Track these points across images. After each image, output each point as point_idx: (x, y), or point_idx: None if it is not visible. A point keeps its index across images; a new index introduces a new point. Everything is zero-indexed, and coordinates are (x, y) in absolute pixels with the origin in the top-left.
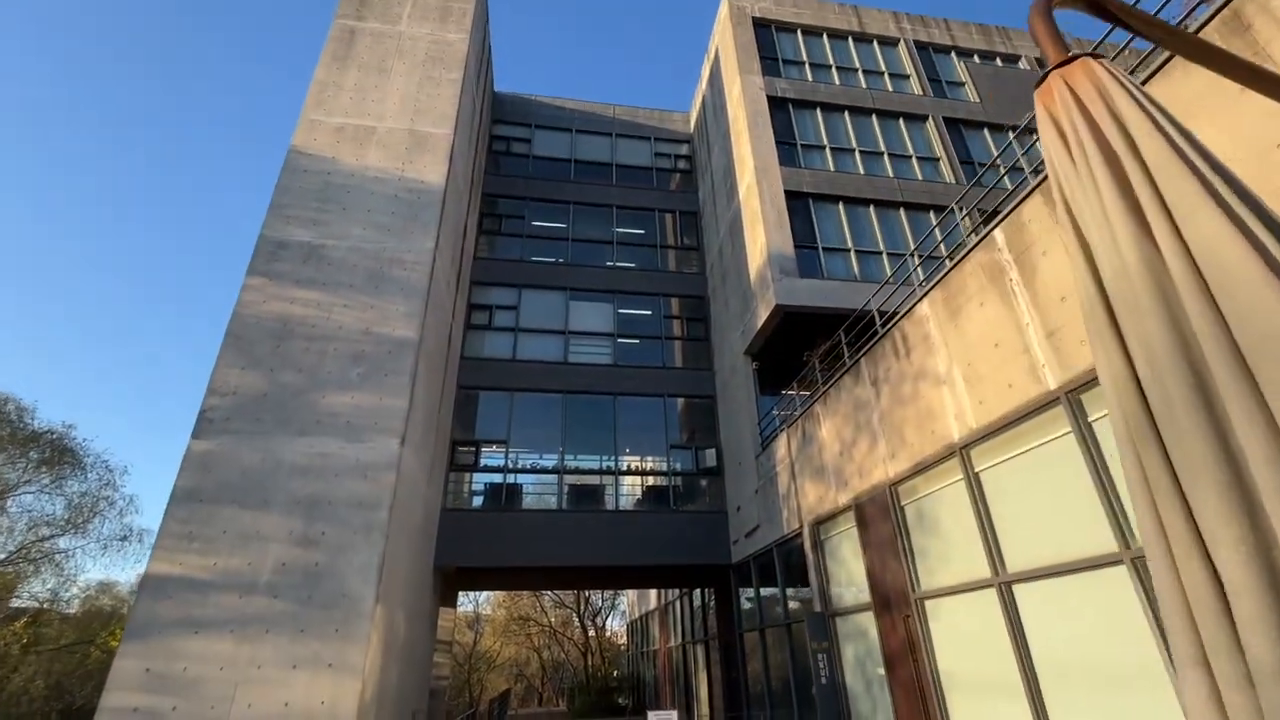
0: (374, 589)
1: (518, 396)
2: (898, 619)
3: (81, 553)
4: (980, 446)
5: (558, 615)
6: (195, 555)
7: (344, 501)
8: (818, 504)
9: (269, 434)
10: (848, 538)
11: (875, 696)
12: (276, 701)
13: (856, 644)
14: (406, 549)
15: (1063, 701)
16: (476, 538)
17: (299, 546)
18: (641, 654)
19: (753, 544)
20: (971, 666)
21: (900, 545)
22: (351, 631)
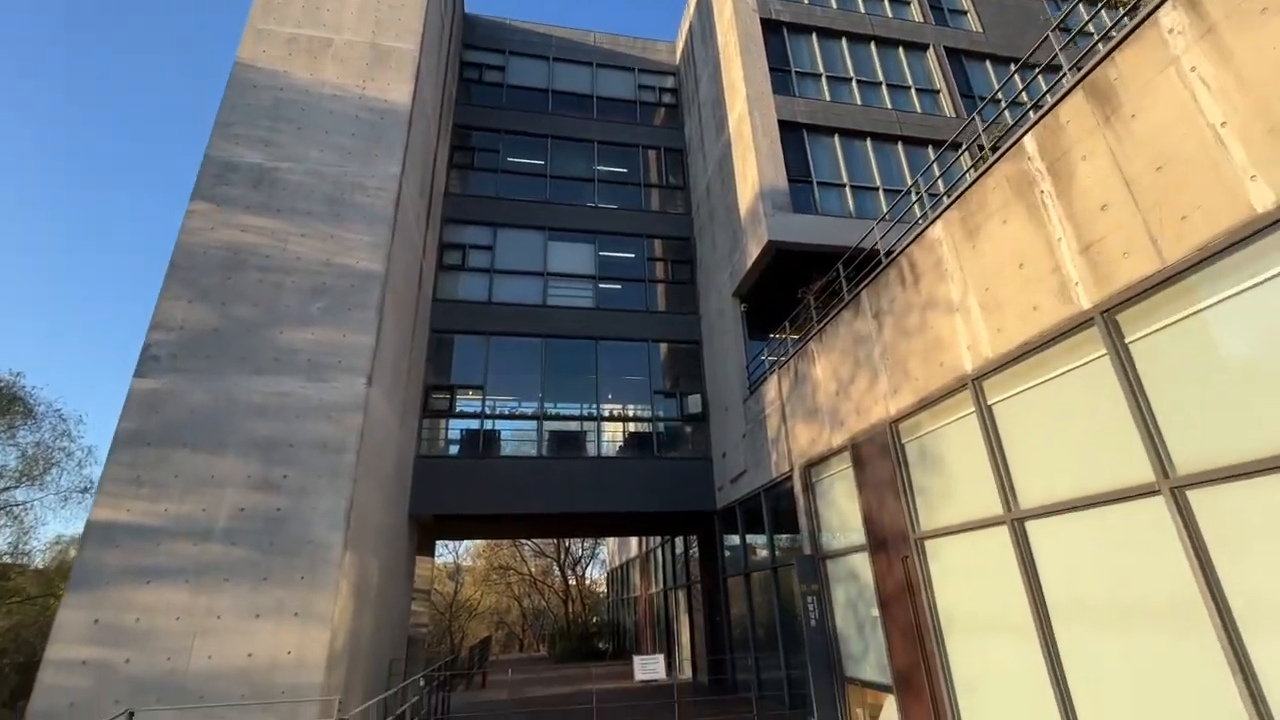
0: (341, 535)
1: (494, 341)
2: (895, 560)
3: (40, 505)
4: (995, 377)
5: (538, 564)
6: (144, 501)
7: (307, 444)
8: (810, 446)
9: (222, 372)
10: (842, 479)
11: (867, 638)
12: (238, 652)
13: (848, 586)
14: (378, 495)
15: (1075, 639)
16: (453, 485)
17: (258, 491)
18: (622, 601)
19: (738, 490)
20: (974, 606)
21: (900, 485)
22: (318, 579)
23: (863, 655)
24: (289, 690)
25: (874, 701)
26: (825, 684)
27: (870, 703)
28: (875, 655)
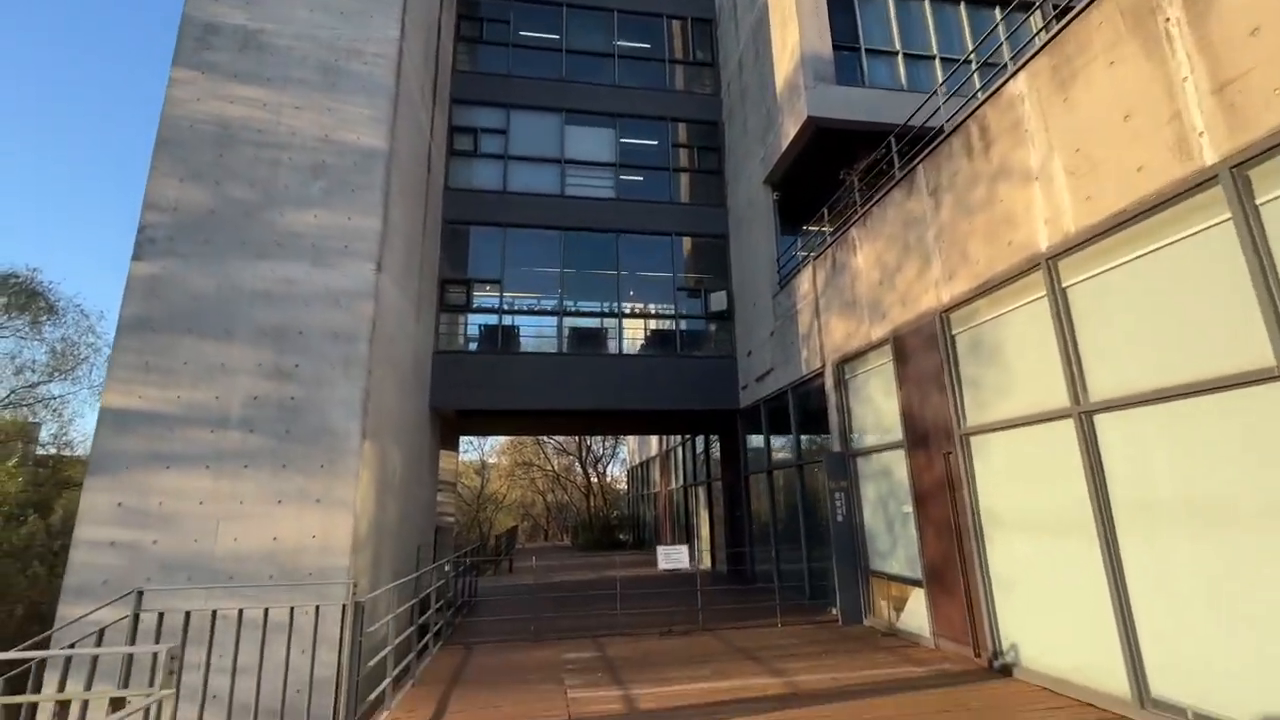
0: (359, 424)
1: (511, 233)
2: (935, 456)
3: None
4: (1074, 256)
5: (560, 462)
6: (155, 388)
7: (318, 332)
8: (845, 341)
9: (222, 257)
10: (878, 375)
11: (896, 534)
12: (263, 535)
13: (878, 483)
14: (395, 387)
15: (1142, 540)
16: (473, 381)
17: (271, 380)
18: (641, 496)
19: (763, 388)
20: (1022, 503)
21: (947, 378)
22: (338, 467)
23: (889, 550)
24: (316, 572)
25: (898, 594)
26: (849, 576)
27: (894, 595)
28: (904, 550)
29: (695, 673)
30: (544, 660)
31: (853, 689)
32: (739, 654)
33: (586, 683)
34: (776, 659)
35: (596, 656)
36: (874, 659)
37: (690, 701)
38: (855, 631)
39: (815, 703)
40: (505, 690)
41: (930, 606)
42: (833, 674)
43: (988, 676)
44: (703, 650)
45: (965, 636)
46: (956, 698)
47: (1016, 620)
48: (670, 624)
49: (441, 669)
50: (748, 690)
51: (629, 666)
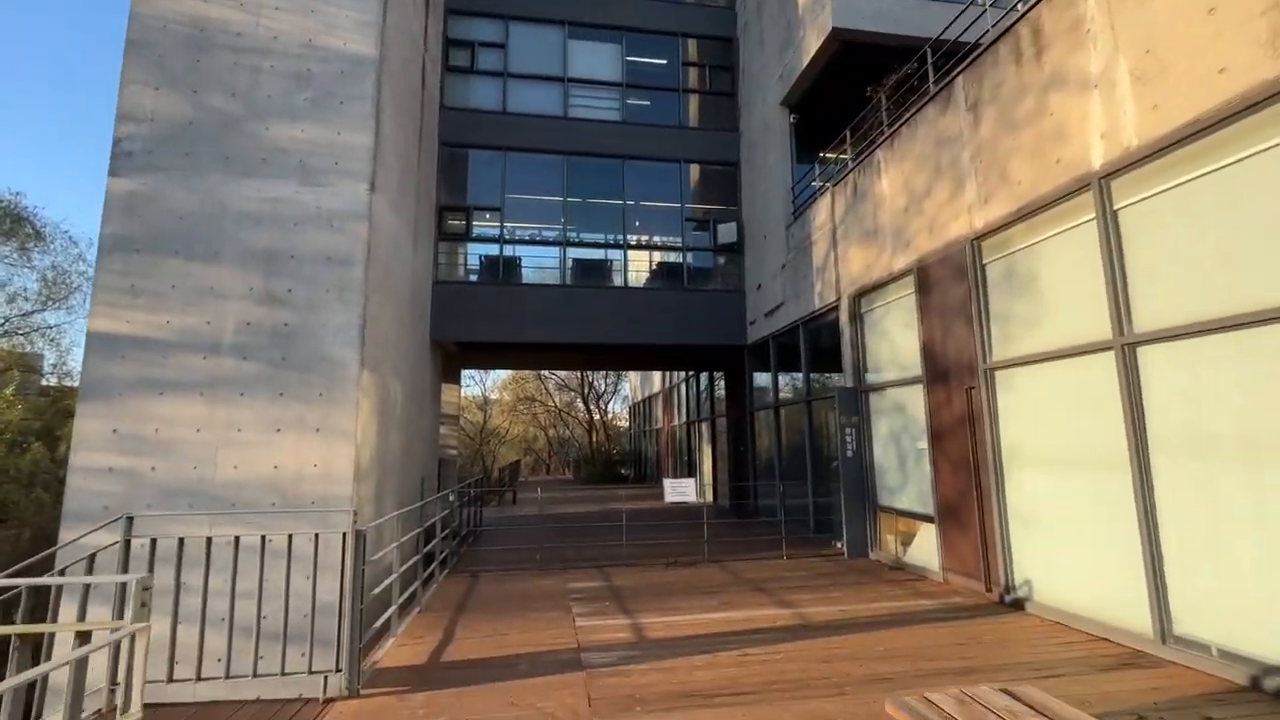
0: (357, 353)
1: (511, 157)
2: (956, 391)
3: (72, 329)
4: (1131, 174)
5: (562, 398)
6: (143, 312)
7: (310, 256)
8: (864, 272)
9: (204, 172)
10: (898, 308)
11: (908, 470)
12: (264, 463)
13: (891, 419)
14: (393, 315)
15: (1179, 475)
16: (474, 312)
17: (262, 305)
18: (643, 432)
19: (773, 323)
20: (1047, 439)
21: (974, 310)
22: (337, 396)
23: (899, 486)
24: (319, 500)
25: (905, 529)
26: (857, 511)
27: (901, 529)
28: (915, 486)
29: (703, 603)
30: (550, 589)
31: (864, 620)
32: (746, 585)
33: (593, 611)
34: (784, 590)
35: (603, 586)
36: (882, 591)
37: (699, 632)
38: (861, 565)
39: (826, 634)
40: (512, 618)
41: (941, 541)
42: (842, 606)
43: (999, 610)
44: (709, 581)
45: (976, 571)
46: (970, 631)
47: (1031, 556)
48: (675, 555)
49: (448, 596)
50: (757, 621)
51: (636, 596)
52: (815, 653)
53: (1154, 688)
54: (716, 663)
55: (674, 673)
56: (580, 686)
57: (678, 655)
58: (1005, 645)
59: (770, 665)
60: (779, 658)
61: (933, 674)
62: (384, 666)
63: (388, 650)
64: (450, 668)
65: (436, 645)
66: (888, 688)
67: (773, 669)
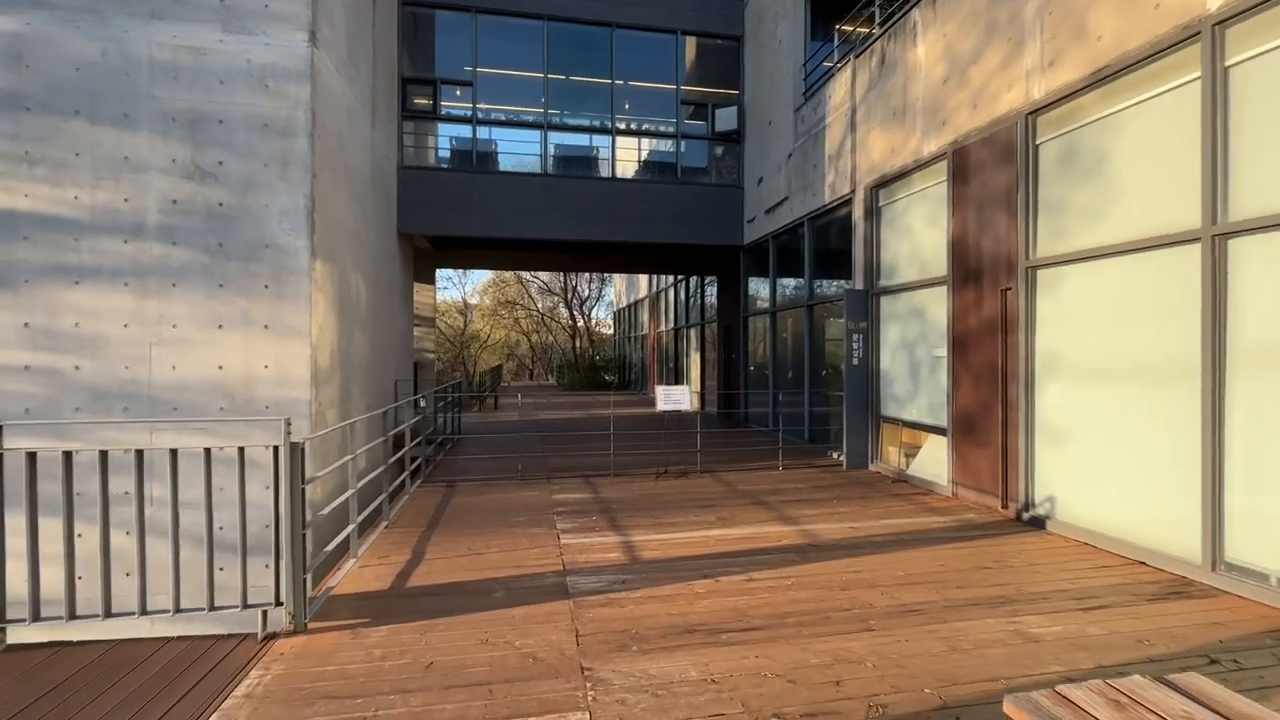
0: (306, 241)
1: (483, 21)
2: (988, 294)
3: None
4: (1259, 14)
5: (545, 303)
6: (44, 185)
7: (243, 122)
8: (886, 158)
9: (103, 14)
10: (925, 199)
11: (920, 379)
12: (206, 364)
13: (905, 324)
14: (352, 201)
15: (1259, 388)
16: (446, 203)
17: (190, 181)
18: (628, 339)
19: (774, 220)
20: (1094, 345)
21: (1021, 198)
22: (287, 290)
23: (909, 397)
24: (274, 405)
25: (911, 440)
26: (859, 421)
27: (906, 441)
28: (927, 397)
29: (699, 518)
30: (532, 501)
31: (877, 539)
32: (743, 498)
33: (580, 527)
34: (785, 504)
35: (590, 498)
36: (890, 506)
37: (698, 552)
38: (862, 476)
39: (838, 554)
40: (489, 534)
41: (953, 455)
42: (851, 522)
43: (1018, 529)
44: (703, 493)
45: (992, 486)
46: (993, 552)
47: (1057, 472)
48: (666, 465)
49: (419, 510)
50: (760, 539)
51: (626, 510)
52: (830, 577)
53: (1214, 622)
54: (720, 589)
55: (673, 602)
56: (566, 618)
57: (676, 579)
58: (1036, 569)
59: (781, 593)
60: (789, 583)
61: (965, 604)
62: (340, 593)
63: (347, 574)
64: (417, 594)
65: (403, 567)
66: (917, 622)
67: (785, 597)
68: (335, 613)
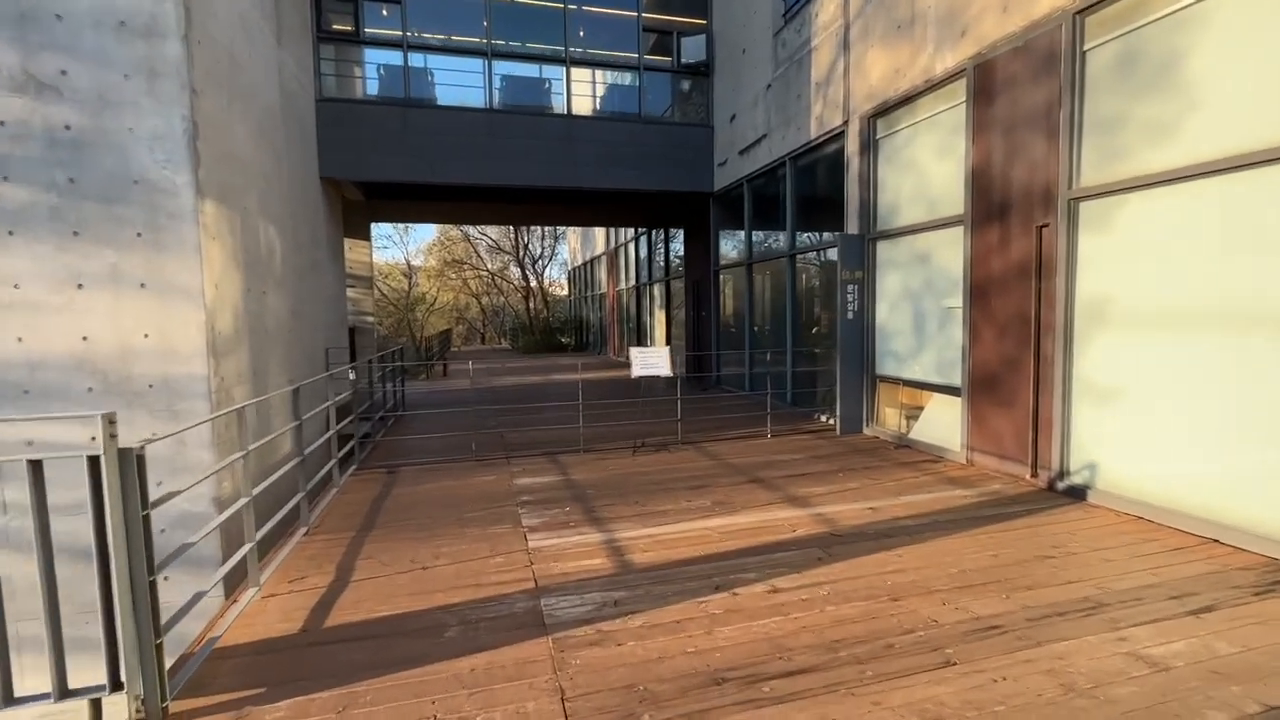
0: (189, 175)
1: None
2: (1017, 232)
3: None
4: None
5: (495, 263)
6: None
7: (88, 18)
8: (887, 82)
9: None
10: (936, 125)
11: (927, 334)
12: (66, 334)
13: (909, 272)
14: (256, 134)
15: None
16: (375, 143)
17: (21, 95)
18: (585, 298)
19: (749, 162)
20: (1158, 290)
21: (1065, 117)
22: (167, 238)
23: (912, 353)
24: (160, 384)
25: (913, 401)
26: (853, 381)
27: (906, 402)
28: (936, 354)
29: (693, 504)
30: (490, 489)
31: (904, 523)
32: (737, 474)
33: (552, 522)
34: (787, 481)
35: (559, 481)
36: (904, 479)
37: (701, 551)
38: (859, 443)
39: (867, 545)
40: (438, 537)
41: (969, 417)
42: (867, 501)
43: (1056, 501)
44: (691, 470)
45: (1019, 452)
46: (1044, 534)
47: (1100, 435)
48: (642, 437)
49: (349, 507)
50: (770, 529)
51: (605, 495)
52: (870, 581)
53: None
54: (741, 608)
55: (685, 631)
56: (545, 667)
57: (682, 594)
58: (1106, 557)
59: (819, 609)
60: (824, 594)
61: (1049, 614)
62: (229, 644)
63: (244, 610)
64: (339, 639)
65: (322, 595)
66: (1005, 646)
67: (826, 617)
68: (215, 680)
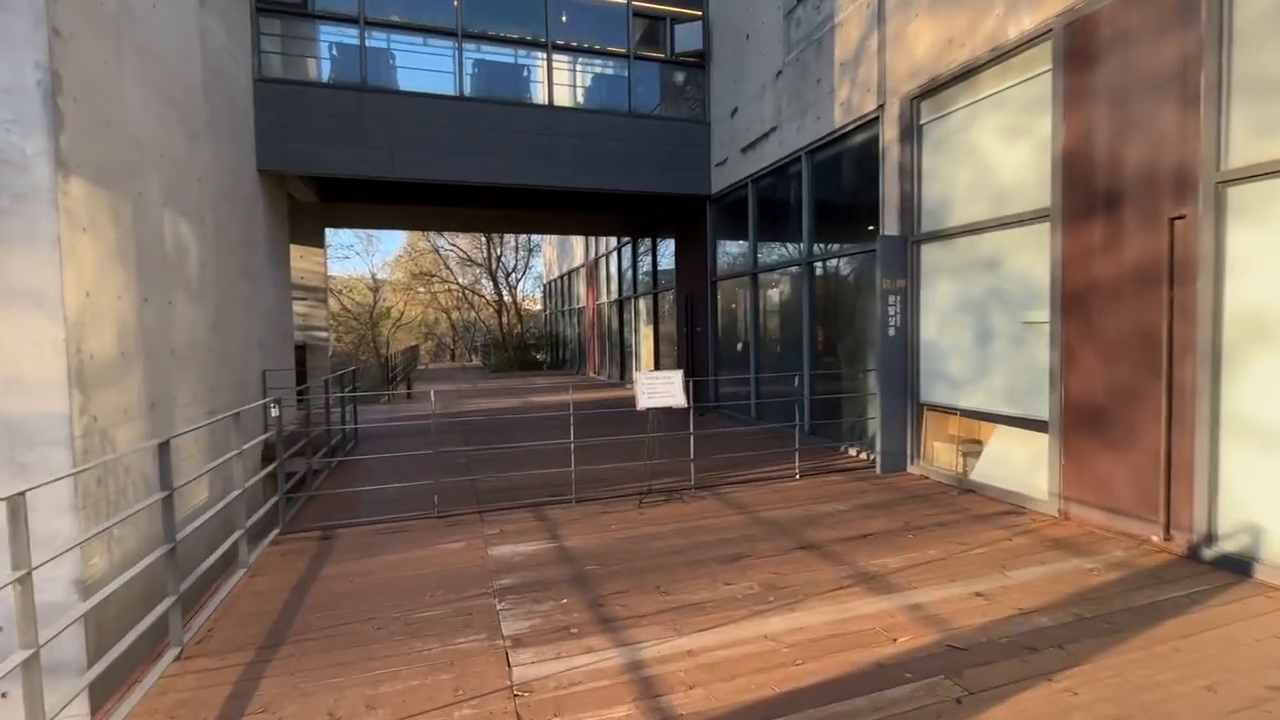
0: (45, 141)
1: None
2: (1137, 227)
3: None
4: None
5: (466, 276)
6: None
7: None
8: (939, 54)
9: None
10: (1003, 104)
11: (995, 354)
12: None
13: (969, 280)
14: (159, 102)
15: None
16: (327, 132)
17: None
18: (561, 313)
19: (756, 159)
20: None
21: (1208, 78)
22: (9, 227)
23: (972, 377)
24: (3, 426)
25: (970, 435)
26: (896, 410)
27: (963, 436)
28: (1005, 378)
29: (736, 587)
30: (458, 564)
31: (1042, 621)
32: (779, 535)
33: (545, 628)
34: (846, 546)
35: (549, 550)
36: (992, 541)
37: (773, 686)
38: (910, 485)
39: (1014, 667)
40: (375, 662)
41: (1062, 458)
42: (969, 581)
43: (1211, 576)
44: (718, 530)
45: (1143, 506)
46: (1246, 641)
47: (1267, 490)
48: (644, 478)
49: (254, 603)
50: (859, 636)
51: (614, 575)
52: None
53: None
54: None
55: None
56: None
57: None
58: None
59: None
60: None
61: None
62: None
63: None
64: None
65: None
66: None
67: None
68: None
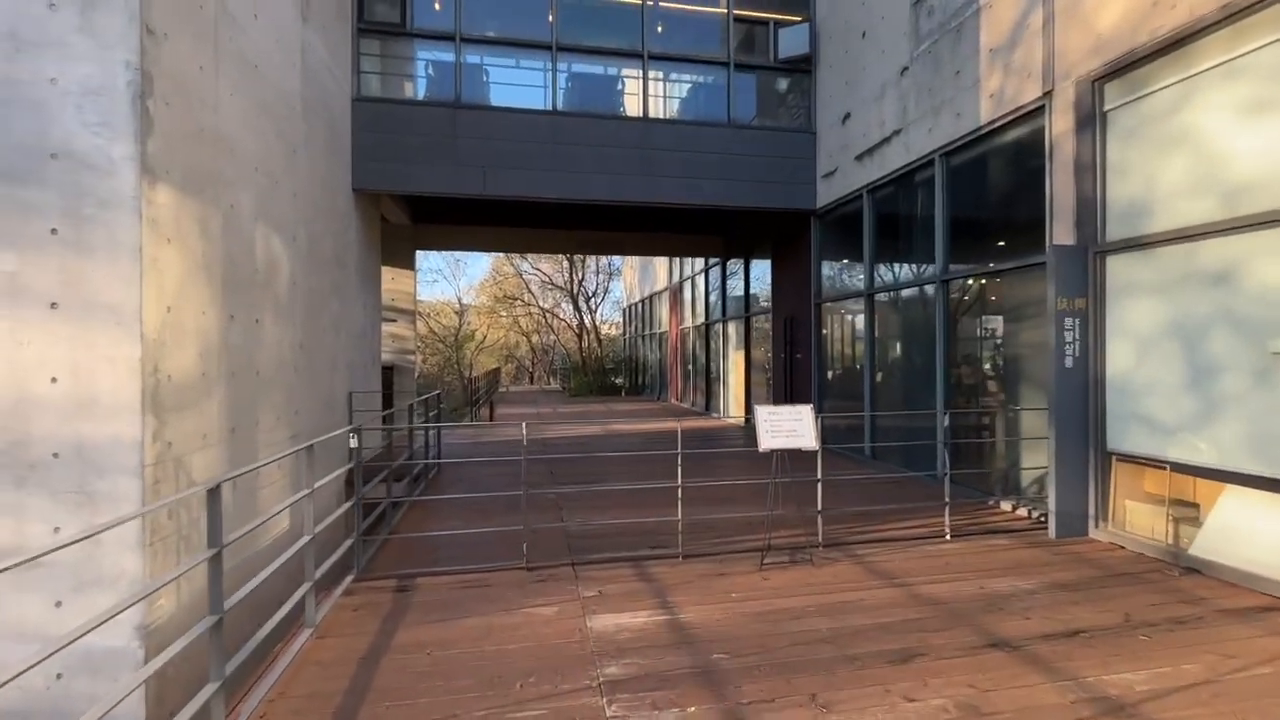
0: (131, 145)
1: None
2: None
3: None
4: None
5: (547, 300)
6: None
7: None
8: (1135, 24)
9: None
10: (1235, 76)
11: (1228, 394)
12: None
13: (1182, 298)
14: (257, 114)
15: None
16: (421, 150)
17: None
18: (641, 337)
19: (874, 167)
20: None
21: None
22: (93, 235)
23: (1189, 422)
24: (71, 452)
25: (1183, 495)
26: (1074, 459)
27: (1173, 497)
28: (1244, 424)
29: (920, 707)
30: (552, 639)
31: None
32: (954, 622)
33: None
34: (1056, 649)
35: (662, 624)
36: (1265, 649)
37: None
38: (1106, 558)
39: None
40: None
41: None
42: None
43: None
44: (870, 610)
45: None
46: None
47: None
48: (762, 536)
49: (314, 682)
50: None
51: (751, 675)
52: None
53: None
54: None
55: None
56: None
57: None
58: None
59: None
60: None
61: None
62: None
63: None
64: None
65: None
66: None
67: None
68: None
